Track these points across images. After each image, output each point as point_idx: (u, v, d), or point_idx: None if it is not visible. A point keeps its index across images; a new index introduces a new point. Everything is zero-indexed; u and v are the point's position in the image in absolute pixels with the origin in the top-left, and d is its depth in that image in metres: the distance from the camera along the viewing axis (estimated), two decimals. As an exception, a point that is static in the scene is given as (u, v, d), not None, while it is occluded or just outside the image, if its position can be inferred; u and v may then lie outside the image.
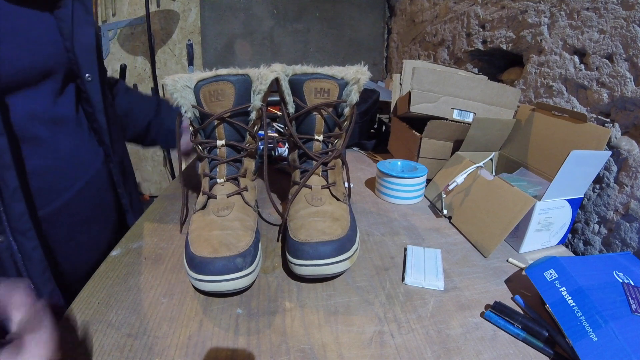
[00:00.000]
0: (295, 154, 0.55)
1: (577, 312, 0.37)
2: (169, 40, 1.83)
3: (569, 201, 0.54)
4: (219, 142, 0.50)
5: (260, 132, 0.54)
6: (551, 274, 0.42)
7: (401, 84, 0.88)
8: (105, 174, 0.59)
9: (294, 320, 0.40)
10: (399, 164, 0.73)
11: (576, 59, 0.67)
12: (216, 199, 0.49)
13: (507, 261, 0.52)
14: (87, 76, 0.54)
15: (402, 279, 0.47)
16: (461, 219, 0.60)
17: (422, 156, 0.76)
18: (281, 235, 0.55)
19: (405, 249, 0.53)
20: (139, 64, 1.86)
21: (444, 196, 0.63)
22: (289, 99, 0.52)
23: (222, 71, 0.47)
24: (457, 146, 0.72)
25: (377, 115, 1.12)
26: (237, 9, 1.74)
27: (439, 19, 1.25)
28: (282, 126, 0.99)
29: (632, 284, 0.41)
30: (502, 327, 0.39)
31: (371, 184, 0.78)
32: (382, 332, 0.38)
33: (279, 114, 1.05)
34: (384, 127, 1.10)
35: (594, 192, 0.63)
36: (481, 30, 0.99)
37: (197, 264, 0.41)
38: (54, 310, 0.29)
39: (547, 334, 0.37)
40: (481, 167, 0.62)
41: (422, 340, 0.38)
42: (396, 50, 1.72)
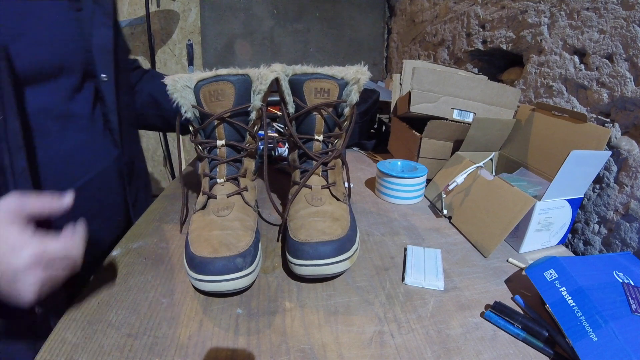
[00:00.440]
0: (295, 154, 0.55)
1: (577, 312, 0.37)
2: (169, 40, 1.83)
3: (569, 201, 0.54)
4: (219, 142, 0.50)
5: (260, 132, 0.54)
6: (551, 274, 0.42)
7: (401, 84, 0.88)
8: (113, 173, 0.59)
9: (294, 320, 0.40)
10: (399, 164, 0.73)
11: (576, 59, 0.67)
12: (216, 199, 0.49)
13: (507, 261, 0.52)
14: (102, 76, 0.55)
15: (402, 279, 0.47)
16: (461, 219, 0.60)
17: (422, 156, 0.76)
18: (281, 235, 0.55)
19: (405, 249, 0.53)
20: (139, 64, 1.86)
21: (444, 196, 0.63)
22: (289, 99, 0.52)
23: (222, 71, 0.47)
24: (457, 146, 0.72)
25: (377, 115, 1.12)
26: (237, 9, 1.74)
27: (439, 19, 1.25)
28: (282, 126, 0.99)
29: (632, 284, 0.41)
30: (502, 327, 0.39)
31: (371, 184, 0.78)
32: (382, 332, 0.38)
33: (279, 114, 1.04)
34: (384, 127, 1.10)
35: (594, 192, 0.63)
36: (481, 30, 0.99)
37: (197, 264, 0.41)
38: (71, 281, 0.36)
39: (547, 334, 0.37)
40: (481, 167, 0.62)
41: (422, 340, 0.38)
42: (396, 50, 1.72)
